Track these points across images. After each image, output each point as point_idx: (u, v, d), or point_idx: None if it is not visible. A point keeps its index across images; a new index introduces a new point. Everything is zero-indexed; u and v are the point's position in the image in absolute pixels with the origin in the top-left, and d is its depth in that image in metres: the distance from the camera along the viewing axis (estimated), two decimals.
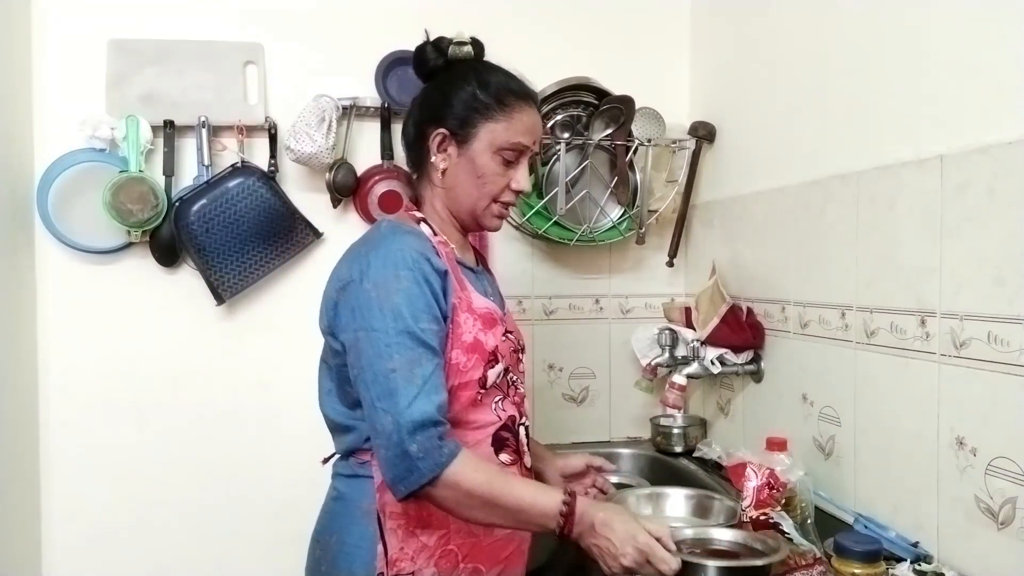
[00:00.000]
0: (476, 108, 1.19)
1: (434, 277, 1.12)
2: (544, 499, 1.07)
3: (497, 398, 1.19)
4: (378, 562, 1.13)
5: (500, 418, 1.19)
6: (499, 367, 1.18)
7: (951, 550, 1.21)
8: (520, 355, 1.30)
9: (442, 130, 1.20)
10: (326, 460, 1.29)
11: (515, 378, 1.25)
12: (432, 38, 1.29)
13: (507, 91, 1.21)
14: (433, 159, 1.22)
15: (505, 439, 1.20)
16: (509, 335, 1.24)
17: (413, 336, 1.07)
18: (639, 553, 1.03)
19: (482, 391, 1.16)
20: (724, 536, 1.20)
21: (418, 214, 1.24)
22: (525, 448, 1.25)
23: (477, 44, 1.26)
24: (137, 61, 1.83)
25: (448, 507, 1.08)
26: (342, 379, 1.18)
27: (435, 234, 1.21)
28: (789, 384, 1.66)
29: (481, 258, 1.41)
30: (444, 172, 1.22)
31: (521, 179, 1.22)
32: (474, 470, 1.06)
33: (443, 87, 1.23)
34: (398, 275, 1.10)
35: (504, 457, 1.19)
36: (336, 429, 1.23)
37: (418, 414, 1.03)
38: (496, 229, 1.29)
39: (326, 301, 1.20)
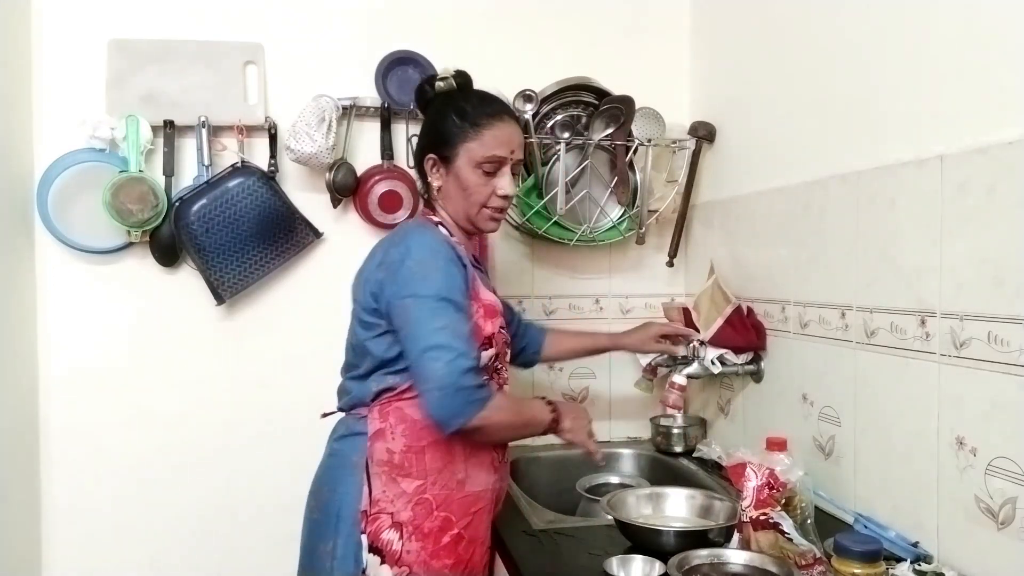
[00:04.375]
0: (454, 133, 1.39)
1: (459, 263, 1.34)
2: (540, 410, 1.40)
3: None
4: (363, 501, 1.32)
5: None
6: (491, 352, 1.36)
7: (951, 550, 1.21)
8: (508, 348, 1.50)
9: (432, 155, 1.43)
10: (325, 415, 1.47)
11: (501, 366, 1.44)
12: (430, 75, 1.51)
13: (479, 114, 1.40)
14: (430, 179, 1.45)
15: None
16: (503, 329, 1.43)
17: (454, 303, 1.28)
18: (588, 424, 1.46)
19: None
20: (739, 559, 1.19)
21: (435, 218, 1.44)
22: None
23: (462, 75, 1.46)
24: (137, 61, 1.83)
25: (486, 435, 1.31)
26: (371, 345, 1.36)
27: (451, 235, 1.42)
28: (789, 384, 1.66)
29: (479, 260, 1.55)
30: (439, 189, 1.44)
31: (504, 185, 1.40)
32: (506, 403, 1.35)
33: (431, 118, 1.46)
34: (436, 255, 1.32)
35: None
36: (355, 381, 1.40)
37: (466, 362, 1.24)
38: (492, 231, 1.50)
39: (368, 283, 1.37)
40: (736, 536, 1.28)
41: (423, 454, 1.33)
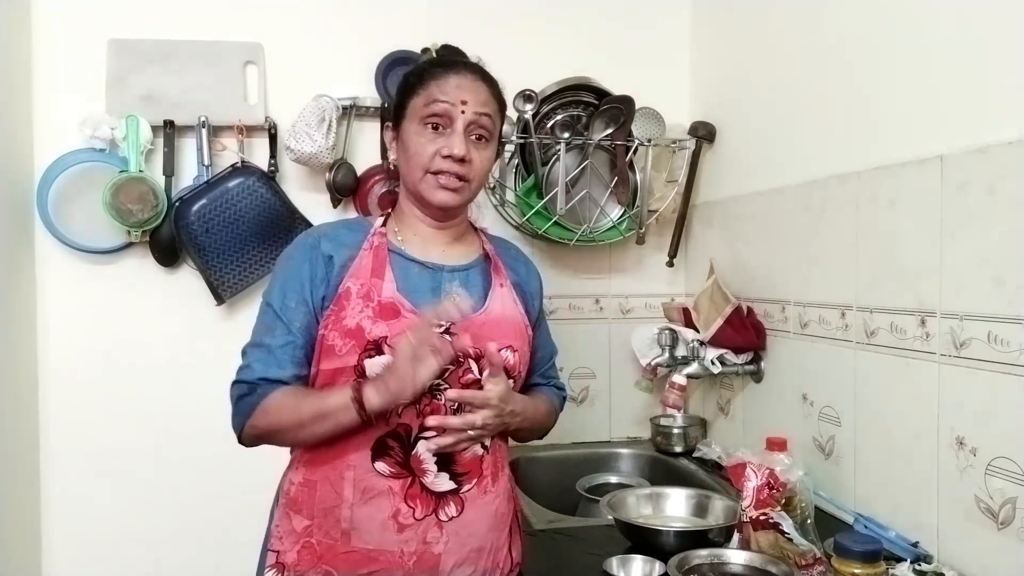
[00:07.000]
0: (403, 92, 1.24)
1: (318, 261, 1.19)
2: (337, 395, 1.12)
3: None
4: (266, 534, 1.23)
5: (388, 424, 1.14)
6: (383, 360, 1.12)
7: (951, 550, 1.21)
8: (467, 365, 1.18)
9: (387, 123, 1.29)
10: None
11: (436, 384, 1.14)
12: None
13: (429, 66, 1.24)
14: (389, 154, 1.30)
15: (388, 448, 1.14)
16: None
17: (272, 309, 1.18)
18: (419, 361, 1.07)
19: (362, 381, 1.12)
20: (739, 559, 1.19)
21: (389, 211, 1.31)
22: (429, 467, 1.15)
23: (447, 49, 1.33)
24: (137, 61, 1.83)
25: (272, 440, 1.19)
26: None
27: (383, 225, 1.26)
28: (789, 384, 1.66)
29: (492, 261, 1.32)
30: (395, 165, 1.28)
31: (452, 144, 1.17)
32: (283, 402, 1.14)
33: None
34: (288, 255, 1.23)
35: (381, 466, 1.14)
36: None
37: (249, 374, 1.16)
38: (442, 204, 1.21)
39: None
40: (736, 536, 1.28)
41: (315, 490, 1.16)
